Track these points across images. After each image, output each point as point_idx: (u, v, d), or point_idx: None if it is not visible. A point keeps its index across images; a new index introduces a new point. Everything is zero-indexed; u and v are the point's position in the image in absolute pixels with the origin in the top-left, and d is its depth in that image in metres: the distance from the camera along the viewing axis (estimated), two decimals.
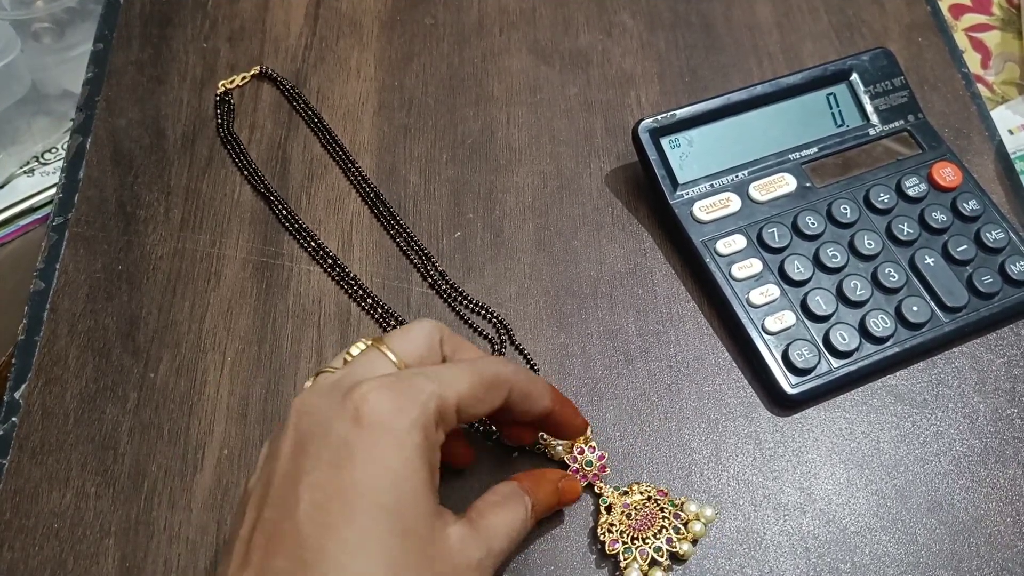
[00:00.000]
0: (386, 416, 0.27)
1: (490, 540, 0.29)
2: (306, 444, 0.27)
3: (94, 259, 0.42)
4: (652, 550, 0.34)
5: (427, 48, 0.50)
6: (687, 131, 0.43)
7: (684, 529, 0.35)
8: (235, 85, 0.47)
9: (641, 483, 0.36)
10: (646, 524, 0.35)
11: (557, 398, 0.34)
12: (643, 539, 0.34)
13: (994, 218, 0.43)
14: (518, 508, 0.31)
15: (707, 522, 0.35)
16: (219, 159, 0.46)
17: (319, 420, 0.27)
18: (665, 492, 0.36)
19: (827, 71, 0.45)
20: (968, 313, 0.40)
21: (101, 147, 0.46)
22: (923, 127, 0.46)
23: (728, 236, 0.41)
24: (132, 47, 0.50)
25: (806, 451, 0.38)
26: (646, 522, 0.35)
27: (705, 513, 0.35)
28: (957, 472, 0.38)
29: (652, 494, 0.36)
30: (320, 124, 0.47)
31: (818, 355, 0.39)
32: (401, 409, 0.27)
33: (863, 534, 0.36)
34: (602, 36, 0.51)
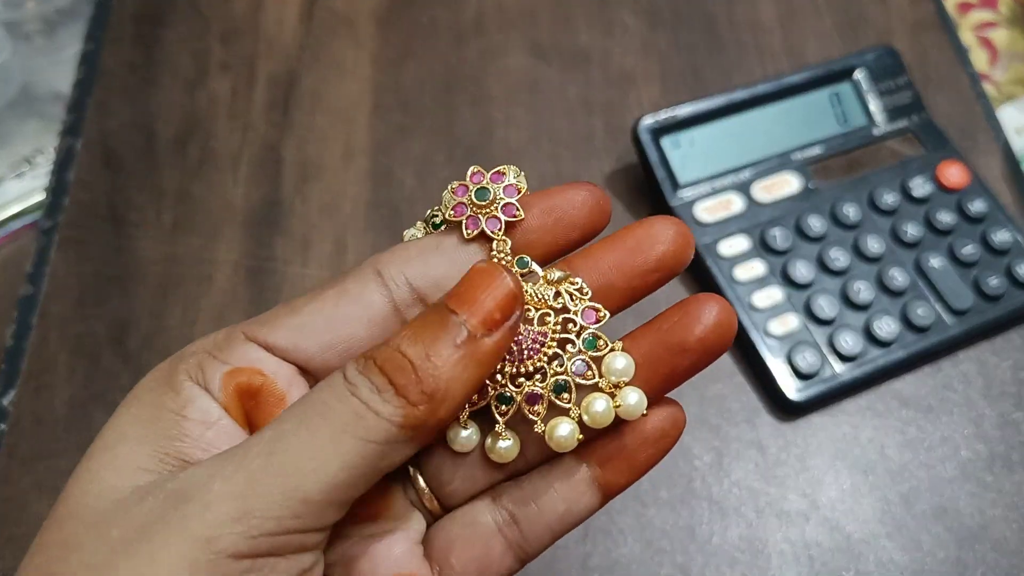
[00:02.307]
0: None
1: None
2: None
3: (84, 263, 0.42)
4: (550, 391, 0.21)
5: (424, 47, 0.50)
6: (688, 130, 0.42)
7: (599, 373, 0.21)
8: None
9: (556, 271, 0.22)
10: (534, 344, 0.21)
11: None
12: (526, 370, 0.21)
13: (1000, 219, 0.42)
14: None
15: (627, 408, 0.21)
16: (211, 161, 0.45)
17: None
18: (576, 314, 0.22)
19: (830, 70, 0.44)
20: (974, 316, 0.40)
21: (92, 149, 0.45)
22: (928, 127, 0.45)
23: (730, 238, 0.41)
24: (123, 47, 0.49)
25: (810, 457, 0.37)
26: (535, 342, 0.21)
27: (628, 398, 0.21)
28: (963, 478, 0.37)
29: (553, 297, 0.22)
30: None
31: (822, 359, 0.38)
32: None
33: (868, 541, 0.35)
34: (602, 35, 0.51)
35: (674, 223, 0.22)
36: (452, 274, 0.21)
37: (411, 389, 0.18)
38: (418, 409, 0.18)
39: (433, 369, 0.19)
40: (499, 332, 0.19)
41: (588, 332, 0.21)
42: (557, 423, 0.21)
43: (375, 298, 0.21)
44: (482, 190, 0.22)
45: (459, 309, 0.19)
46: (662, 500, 0.36)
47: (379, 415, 0.18)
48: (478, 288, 0.19)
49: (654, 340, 0.21)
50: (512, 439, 0.22)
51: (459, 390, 0.19)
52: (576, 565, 0.34)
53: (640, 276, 0.22)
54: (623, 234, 0.22)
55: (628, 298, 0.22)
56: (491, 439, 0.22)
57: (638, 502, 0.36)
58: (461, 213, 0.22)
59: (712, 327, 0.21)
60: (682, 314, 0.21)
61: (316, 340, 0.21)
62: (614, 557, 0.35)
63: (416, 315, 0.20)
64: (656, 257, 0.22)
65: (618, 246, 0.22)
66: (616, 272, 0.22)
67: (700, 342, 0.21)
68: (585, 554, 0.35)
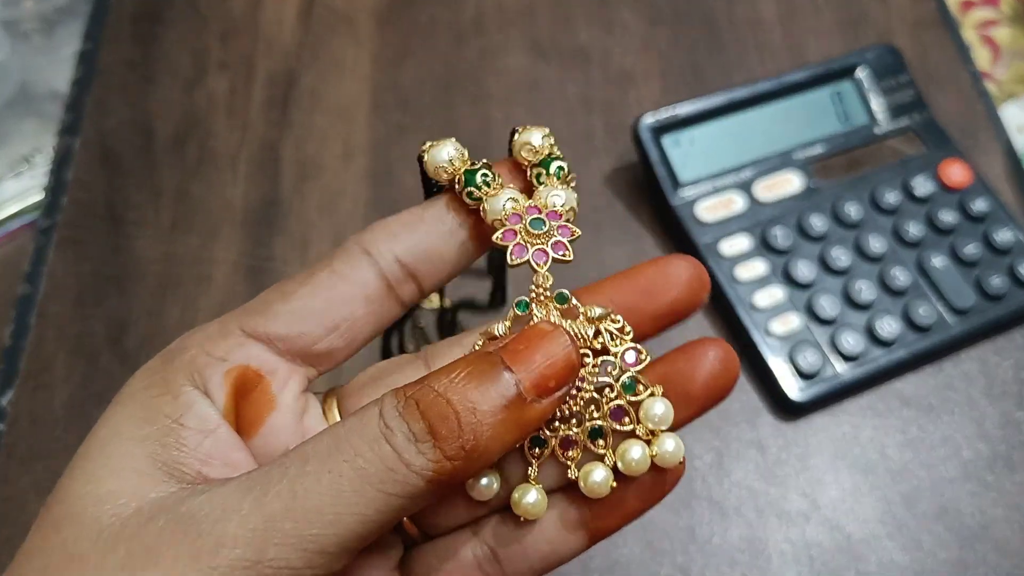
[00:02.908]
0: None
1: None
2: None
3: (83, 262, 0.42)
4: (586, 436, 0.21)
5: (423, 46, 0.49)
6: (689, 129, 0.42)
7: (638, 421, 0.21)
8: None
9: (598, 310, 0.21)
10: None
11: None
12: (561, 414, 0.21)
13: (1002, 218, 0.42)
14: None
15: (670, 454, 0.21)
16: (210, 160, 0.45)
17: None
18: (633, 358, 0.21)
19: (832, 68, 0.44)
20: (976, 316, 0.39)
21: (90, 148, 0.45)
22: (930, 125, 0.45)
23: (732, 237, 0.41)
24: (122, 46, 0.49)
25: (811, 457, 0.37)
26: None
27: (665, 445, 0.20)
28: (965, 478, 0.37)
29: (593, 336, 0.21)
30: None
31: (823, 359, 0.38)
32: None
33: (869, 542, 0.35)
34: (602, 33, 0.50)
35: (690, 264, 0.21)
36: (439, 246, 0.21)
37: (451, 442, 0.17)
38: (451, 464, 0.17)
39: (476, 425, 0.17)
40: (549, 399, 0.18)
41: (628, 376, 0.20)
42: (591, 469, 0.20)
43: (368, 276, 0.21)
44: (537, 221, 0.21)
45: (514, 366, 0.18)
46: (663, 501, 0.36)
47: (410, 467, 0.17)
48: (537, 349, 0.18)
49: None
50: (540, 494, 0.20)
51: (496, 450, 0.18)
52: (576, 566, 0.34)
53: (650, 320, 0.21)
54: (636, 273, 0.21)
55: (636, 341, 0.21)
56: (519, 493, 0.20)
57: None
58: (510, 239, 0.21)
59: (718, 375, 0.21)
60: (685, 360, 0.21)
61: (317, 324, 0.20)
62: (614, 557, 0.35)
63: (465, 356, 0.19)
64: (669, 302, 0.21)
65: (630, 286, 0.21)
66: (626, 315, 0.21)
67: (705, 390, 0.21)
68: (586, 555, 0.35)
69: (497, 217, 0.21)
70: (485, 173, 0.21)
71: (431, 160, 0.22)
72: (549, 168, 0.22)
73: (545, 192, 0.21)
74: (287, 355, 0.21)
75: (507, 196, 0.21)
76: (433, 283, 0.22)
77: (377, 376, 0.22)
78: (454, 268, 0.22)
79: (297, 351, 0.21)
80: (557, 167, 0.22)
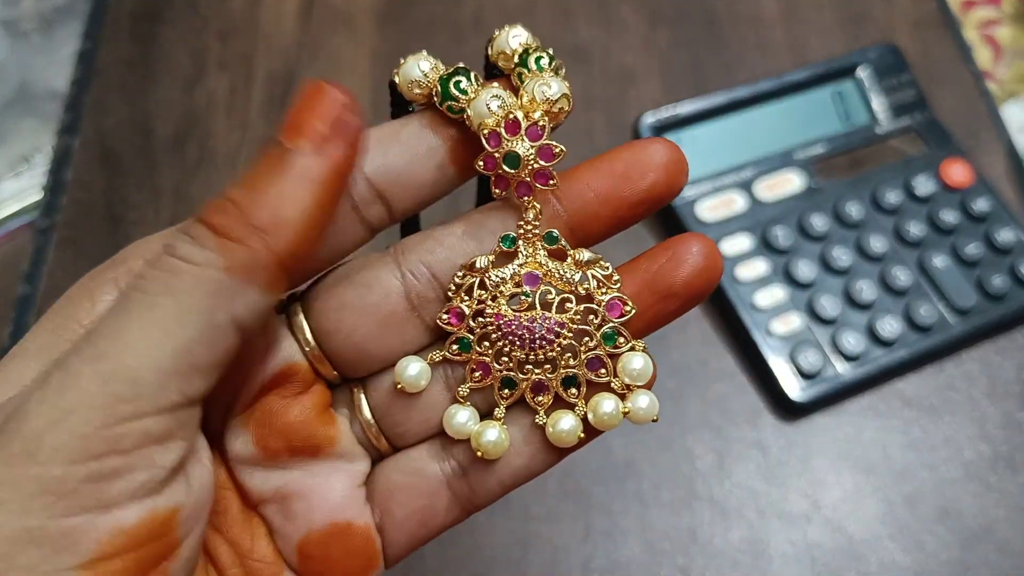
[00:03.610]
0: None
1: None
2: None
3: (82, 262, 0.41)
4: (559, 383, 0.20)
5: (423, 44, 0.49)
6: (690, 128, 0.42)
7: (613, 371, 0.20)
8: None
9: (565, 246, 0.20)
10: (543, 333, 0.20)
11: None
12: (536, 358, 0.20)
13: (1004, 218, 0.42)
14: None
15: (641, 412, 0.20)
16: (209, 159, 0.45)
17: None
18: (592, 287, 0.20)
19: (833, 67, 0.44)
20: (977, 316, 0.39)
21: (89, 148, 0.45)
22: (931, 125, 0.45)
23: (733, 237, 0.41)
24: (121, 45, 0.49)
25: (812, 458, 0.37)
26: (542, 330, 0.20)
27: (639, 402, 0.20)
28: (966, 478, 0.37)
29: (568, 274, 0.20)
30: None
31: (824, 359, 0.38)
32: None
33: (870, 543, 0.35)
34: (602, 31, 0.50)
35: (667, 146, 0.19)
36: (412, 166, 0.19)
37: (234, 226, 0.16)
38: (248, 246, 0.16)
39: (259, 200, 0.17)
40: (333, 145, 0.17)
41: (609, 326, 0.20)
42: (560, 416, 0.20)
43: None
44: (513, 157, 0.19)
45: (288, 139, 0.17)
46: (664, 501, 0.36)
47: (195, 264, 0.16)
48: (304, 111, 0.17)
49: (640, 284, 0.20)
50: (503, 433, 0.20)
51: (295, 213, 0.17)
52: (577, 567, 0.34)
53: (628, 207, 0.20)
54: (611, 157, 0.20)
55: (611, 228, 0.20)
56: (479, 428, 0.20)
57: (640, 503, 0.36)
58: (491, 167, 0.19)
59: (700, 270, 0.19)
60: (669, 256, 0.20)
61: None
62: (615, 558, 0.35)
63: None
64: (646, 187, 0.19)
65: (606, 170, 0.20)
66: (601, 200, 0.20)
67: (687, 286, 0.19)
68: (587, 555, 0.35)
69: (483, 120, 0.19)
70: (459, 78, 0.19)
71: (403, 78, 0.20)
72: (527, 64, 0.20)
73: (531, 84, 0.19)
74: None
75: (491, 94, 0.19)
76: (405, 207, 0.20)
77: (345, 275, 0.21)
78: (430, 193, 0.20)
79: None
80: (536, 59, 0.20)
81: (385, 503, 0.21)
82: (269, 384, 0.20)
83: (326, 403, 0.21)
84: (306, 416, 0.20)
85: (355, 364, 0.21)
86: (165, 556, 0.17)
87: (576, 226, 0.20)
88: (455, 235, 0.20)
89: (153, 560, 0.17)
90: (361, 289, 0.20)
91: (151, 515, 0.16)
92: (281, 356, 0.20)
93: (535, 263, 0.20)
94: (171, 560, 0.17)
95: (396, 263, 0.20)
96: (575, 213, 0.20)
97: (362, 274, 0.20)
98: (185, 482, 0.18)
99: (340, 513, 0.20)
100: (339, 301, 0.20)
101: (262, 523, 0.21)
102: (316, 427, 0.20)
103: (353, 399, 0.21)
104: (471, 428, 0.20)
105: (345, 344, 0.20)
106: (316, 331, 0.20)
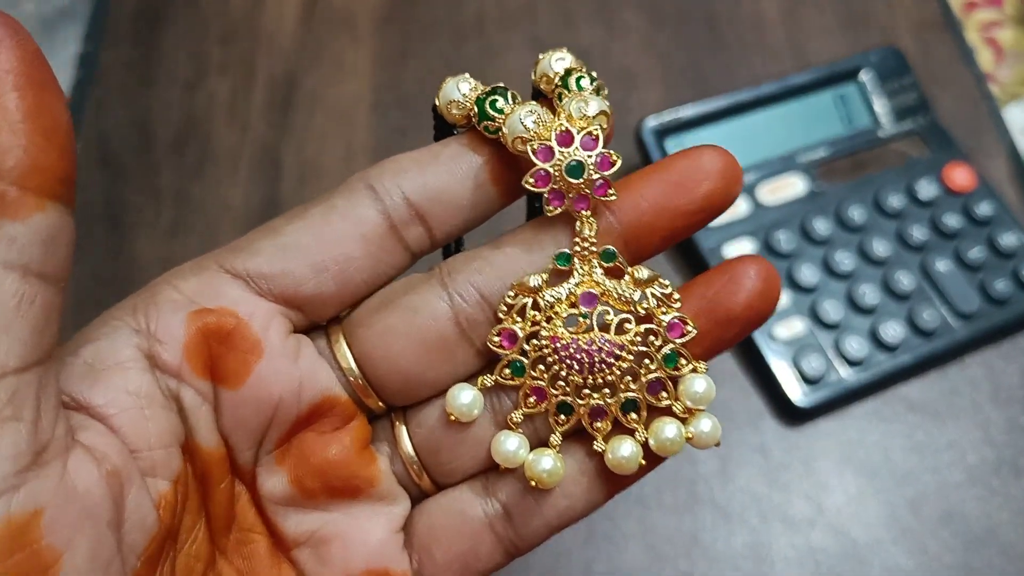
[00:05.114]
0: None
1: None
2: None
3: (81, 265, 0.41)
4: (619, 408, 0.19)
5: (424, 45, 0.49)
6: (692, 131, 0.42)
7: (673, 395, 0.19)
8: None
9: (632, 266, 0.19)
10: (600, 358, 0.19)
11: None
12: (595, 382, 0.19)
13: (1007, 222, 0.42)
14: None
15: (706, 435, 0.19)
16: (210, 162, 0.45)
17: None
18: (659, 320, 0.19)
19: (835, 70, 0.44)
20: (981, 320, 0.39)
21: (89, 149, 0.45)
22: (934, 128, 0.44)
23: (735, 241, 0.40)
24: (122, 48, 0.49)
25: (815, 462, 0.37)
26: (599, 355, 0.19)
27: (702, 425, 0.19)
28: (970, 483, 0.37)
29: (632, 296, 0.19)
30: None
31: (828, 364, 0.38)
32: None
33: (874, 547, 0.35)
34: (603, 33, 0.50)
35: (721, 153, 0.19)
36: (452, 186, 0.19)
37: None
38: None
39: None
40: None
41: (670, 347, 0.19)
42: (619, 442, 0.19)
43: (368, 213, 0.19)
44: (576, 166, 0.18)
45: None
46: (666, 505, 0.36)
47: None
48: None
49: (697, 309, 0.19)
50: (558, 461, 0.19)
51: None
52: (579, 571, 0.34)
53: (683, 216, 0.19)
54: (664, 166, 0.19)
55: (666, 241, 0.19)
56: (533, 457, 0.19)
57: (642, 507, 0.36)
58: (544, 184, 0.18)
59: (759, 293, 0.19)
60: (726, 280, 0.19)
61: (304, 262, 0.18)
62: (617, 563, 0.35)
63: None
64: (703, 195, 0.19)
65: (660, 180, 0.19)
66: (656, 211, 0.19)
67: (747, 310, 0.19)
68: (588, 560, 0.34)
69: (518, 135, 0.18)
70: (495, 98, 0.19)
71: (443, 99, 0.19)
72: (568, 84, 0.19)
73: (569, 103, 0.18)
74: (269, 297, 0.19)
75: (526, 110, 0.18)
76: (446, 230, 0.19)
77: (389, 299, 0.20)
78: (471, 215, 0.19)
79: (280, 293, 0.19)
80: (577, 79, 0.19)
81: (426, 547, 0.20)
82: (305, 417, 0.19)
83: (367, 439, 0.20)
84: (346, 454, 0.19)
85: (400, 393, 0.20)
86: (40, 572, 0.15)
87: (630, 239, 0.19)
88: (504, 254, 0.19)
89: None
90: (407, 313, 0.19)
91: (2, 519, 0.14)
92: (318, 387, 0.19)
93: (591, 282, 0.19)
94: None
95: (442, 285, 0.19)
96: (629, 225, 0.19)
97: (407, 297, 0.19)
98: (51, 479, 0.15)
99: (378, 559, 0.19)
100: (384, 326, 0.19)
101: (291, 568, 0.20)
102: (357, 466, 0.19)
103: (394, 433, 0.20)
104: (522, 456, 0.19)
105: (390, 371, 0.19)
106: (359, 358, 0.19)
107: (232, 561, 0.19)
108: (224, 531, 0.19)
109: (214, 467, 0.19)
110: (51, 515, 0.15)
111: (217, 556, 0.19)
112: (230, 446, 0.19)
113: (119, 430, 0.17)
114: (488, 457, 0.20)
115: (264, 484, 0.19)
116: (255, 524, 0.20)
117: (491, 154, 0.19)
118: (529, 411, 0.19)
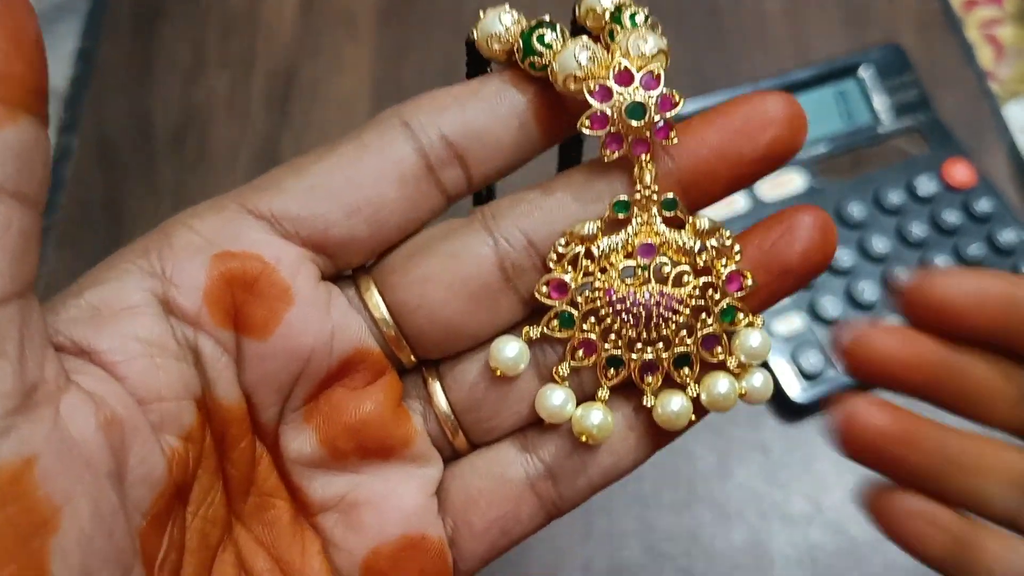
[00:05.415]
0: None
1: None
2: None
3: (81, 260, 0.41)
4: (671, 363, 0.18)
5: (424, 40, 0.49)
6: None
7: (730, 350, 0.19)
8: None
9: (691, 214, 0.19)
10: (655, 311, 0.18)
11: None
12: (648, 336, 0.18)
13: (1006, 219, 0.42)
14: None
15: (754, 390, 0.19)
16: (209, 156, 0.45)
17: None
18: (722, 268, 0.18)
19: (836, 67, 0.44)
20: None
21: (89, 145, 0.45)
22: (934, 125, 0.44)
23: None
24: (121, 42, 0.48)
25: (814, 459, 0.37)
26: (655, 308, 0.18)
27: (754, 379, 0.19)
28: None
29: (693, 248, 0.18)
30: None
31: (826, 360, 0.38)
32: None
33: (873, 544, 0.35)
34: None
35: (788, 99, 0.18)
36: (494, 126, 0.18)
37: None
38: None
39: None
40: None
41: (727, 302, 0.18)
42: (669, 396, 0.18)
43: (404, 151, 0.17)
44: (637, 107, 0.17)
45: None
46: (665, 503, 0.36)
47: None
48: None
49: (754, 260, 0.18)
50: (608, 415, 0.18)
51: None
52: (578, 568, 0.34)
53: (747, 164, 0.18)
54: (726, 110, 0.18)
55: (727, 188, 0.18)
56: (582, 411, 0.18)
57: (641, 505, 0.36)
58: (600, 126, 0.17)
59: (817, 244, 0.18)
60: (784, 229, 0.18)
61: (335, 203, 0.17)
62: (616, 561, 0.35)
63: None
64: (767, 142, 0.18)
65: (723, 125, 0.18)
66: (719, 157, 0.18)
67: (804, 262, 0.18)
68: (587, 557, 0.35)
69: (570, 73, 0.17)
70: (542, 31, 0.18)
71: (482, 32, 0.18)
72: (620, 20, 0.18)
73: (625, 39, 0.17)
74: (296, 240, 0.17)
75: (579, 46, 0.17)
76: (484, 172, 0.18)
77: (425, 244, 0.18)
78: (512, 157, 0.18)
79: (308, 236, 0.17)
80: (631, 15, 0.18)
81: (463, 512, 0.19)
82: (335, 372, 0.18)
83: (399, 395, 0.19)
84: (380, 412, 0.18)
85: (438, 345, 0.18)
86: (37, 528, 0.13)
87: (689, 186, 0.18)
88: (555, 198, 0.18)
89: (18, 535, 0.13)
90: (447, 259, 0.18)
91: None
92: (348, 339, 0.18)
93: (651, 231, 0.18)
94: (51, 533, 0.13)
95: (486, 229, 0.18)
96: (688, 172, 0.18)
97: (447, 242, 0.18)
98: (43, 423, 0.13)
99: (414, 524, 0.18)
100: (422, 273, 0.18)
101: (315, 536, 0.18)
102: (392, 425, 0.18)
103: (427, 389, 0.19)
104: (569, 411, 0.18)
105: (429, 322, 0.18)
106: (393, 308, 0.18)
107: (250, 528, 0.18)
108: (242, 496, 0.18)
109: (233, 425, 0.17)
110: (46, 463, 0.13)
111: (234, 522, 0.18)
112: (252, 403, 0.17)
113: (125, 379, 0.15)
114: (529, 413, 0.19)
115: (290, 445, 0.18)
116: (276, 488, 0.18)
117: (535, 92, 0.18)
118: (577, 364, 0.18)
